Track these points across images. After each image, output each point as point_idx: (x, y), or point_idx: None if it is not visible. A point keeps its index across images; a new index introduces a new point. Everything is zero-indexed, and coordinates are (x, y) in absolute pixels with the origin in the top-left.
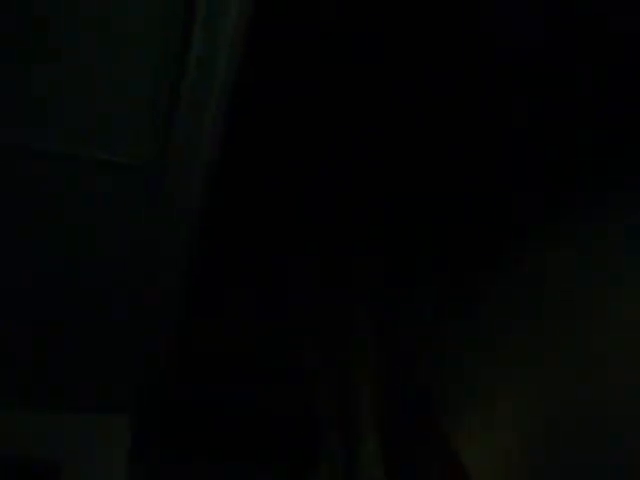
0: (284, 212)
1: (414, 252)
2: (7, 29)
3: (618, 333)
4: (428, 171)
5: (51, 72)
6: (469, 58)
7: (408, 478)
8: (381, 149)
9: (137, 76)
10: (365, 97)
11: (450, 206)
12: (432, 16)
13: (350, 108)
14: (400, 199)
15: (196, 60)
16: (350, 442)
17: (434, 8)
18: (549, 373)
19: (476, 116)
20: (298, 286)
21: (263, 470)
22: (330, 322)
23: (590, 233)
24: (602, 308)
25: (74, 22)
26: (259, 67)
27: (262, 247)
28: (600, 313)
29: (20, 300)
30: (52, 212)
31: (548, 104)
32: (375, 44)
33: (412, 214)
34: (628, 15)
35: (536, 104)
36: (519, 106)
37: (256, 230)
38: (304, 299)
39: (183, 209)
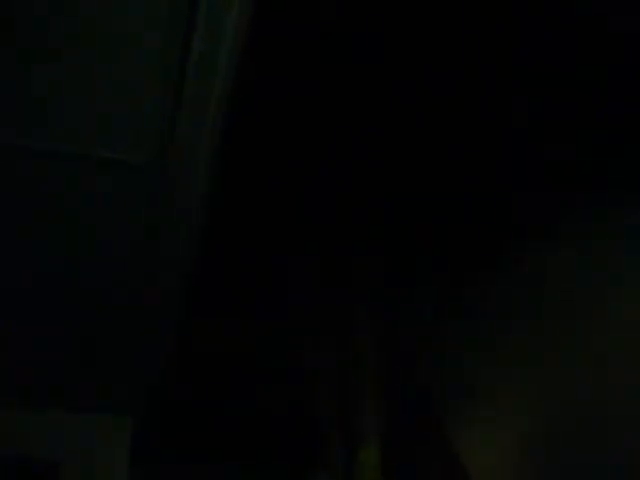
0: (284, 212)
1: (414, 252)
2: (7, 29)
3: (618, 333)
4: (428, 171)
5: (51, 72)
6: (469, 58)
7: (408, 478)
8: (381, 149)
9: (137, 76)
10: (365, 97)
11: (450, 206)
12: (432, 16)
13: (350, 108)
14: (400, 199)
15: (197, 60)
16: (350, 442)
17: (434, 8)
18: (549, 373)
19: (476, 116)
20: (298, 286)
21: (263, 470)
22: (330, 322)
23: (590, 233)
24: (602, 308)
25: (74, 22)
26: (258, 67)
27: (262, 247)
28: (600, 313)
29: (20, 300)
30: (52, 212)
31: (548, 104)
32: (375, 44)
33: (412, 214)
34: (628, 15)
35: (536, 104)
36: (519, 106)
37: (256, 230)
38: (304, 299)
39: (183, 209)
